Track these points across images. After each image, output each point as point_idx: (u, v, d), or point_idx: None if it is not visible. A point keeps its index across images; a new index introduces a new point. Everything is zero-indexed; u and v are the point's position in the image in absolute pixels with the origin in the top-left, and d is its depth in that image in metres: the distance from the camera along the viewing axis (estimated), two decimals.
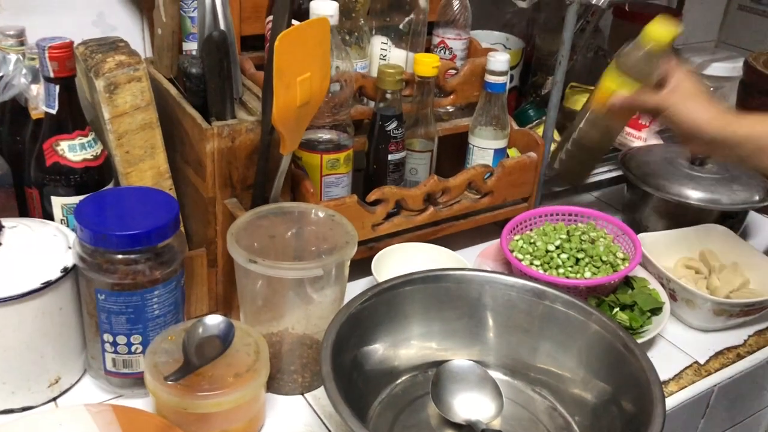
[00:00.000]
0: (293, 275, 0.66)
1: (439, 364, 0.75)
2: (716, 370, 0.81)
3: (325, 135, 0.84)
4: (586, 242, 0.86)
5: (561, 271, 0.84)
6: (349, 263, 0.70)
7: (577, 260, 0.85)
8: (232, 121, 0.74)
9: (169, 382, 0.61)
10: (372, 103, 0.93)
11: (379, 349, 0.73)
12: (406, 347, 0.75)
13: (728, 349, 0.85)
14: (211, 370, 0.64)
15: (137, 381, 0.69)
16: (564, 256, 0.85)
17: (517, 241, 0.89)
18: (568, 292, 0.74)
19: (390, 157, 0.90)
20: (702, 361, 0.82)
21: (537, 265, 0.85)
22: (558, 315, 0.72)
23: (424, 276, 0.75)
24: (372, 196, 0.86)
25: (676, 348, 0.84)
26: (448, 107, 1.01)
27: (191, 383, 0.62)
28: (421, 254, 0.90)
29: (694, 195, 0.99)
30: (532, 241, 0.88)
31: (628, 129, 1.19)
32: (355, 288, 0.82)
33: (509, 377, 0.75)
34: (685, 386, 0.79)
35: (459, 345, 0.76)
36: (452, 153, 1.03)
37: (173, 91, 0.79)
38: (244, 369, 0.65)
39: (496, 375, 0.75)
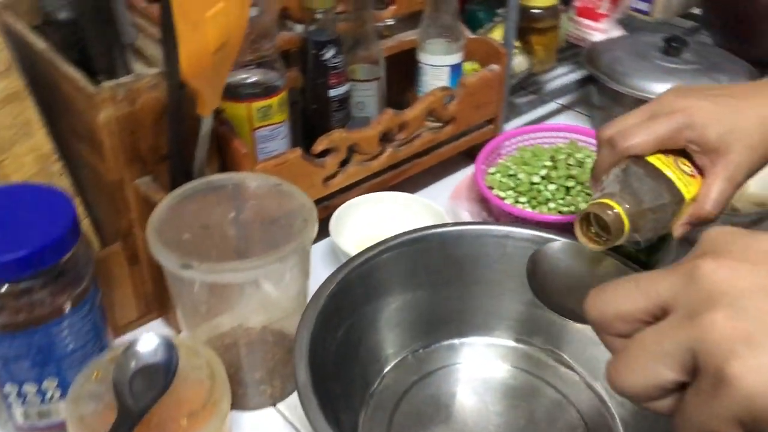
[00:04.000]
0: (244, 278, 0.51)
1: (429, 342, 0.63)
2: None
3: (250, 76, 0.67)
4: (573, 166, 0.74)
5: (552, 206, 0.71)
6: (311, 247, 0.55)
7: (567, 189, 0.72)
8: (127, 78, 0.56)
9: None
10: (299, 28, 0.76)
11: (360, 338, 0.60)
12: (389, 328, 0.62)
13: None
14: (156, 414, 0.49)
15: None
16: (552, 187, 0.72)
17: (494, 174, 0.76)
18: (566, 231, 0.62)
19: (331, 92, 0.73)
20: None
21: (523, 202, 0.72)
22: None
23: (402, 240, 0.61)
24: (319, 147, 0.70)
25: None
26: (387, 20, 0.85)
27: None
28: (386, 206, 0.76)
29: None
30: (511, 173, 0.75)
31: (585, 21, 1.06)
32: (313, 255, 0.68)
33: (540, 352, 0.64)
34: None
35: (456, 317, 0.64)
36: (397, 76, 0.87)
37: (40, 44, 0.60)
38: (199, 404, 0.50)
39: (523, 348, 0.64)
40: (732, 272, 0.28)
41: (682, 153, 0.54)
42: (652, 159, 0.53)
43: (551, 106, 1.01)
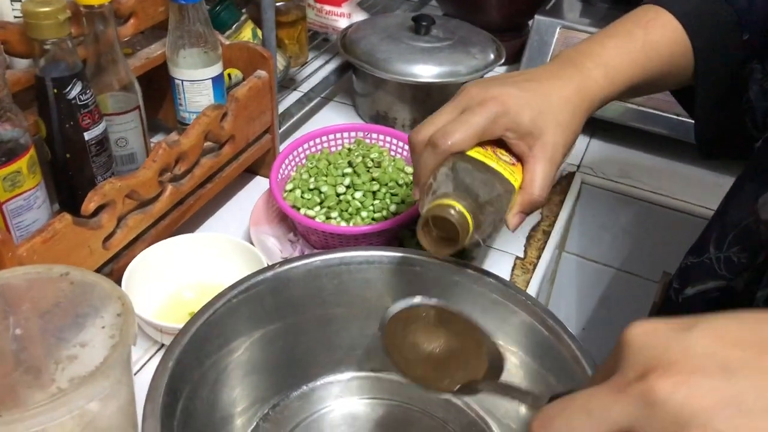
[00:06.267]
0: (62, 415, 0.39)
1: (278, 400, 0.57)
2: (537, 259, 0.76)
3: None
4: (373, 168, 0.71)
5: (364, 214, 0.67)
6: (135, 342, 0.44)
7: (374, 194, 0.69)
8: None
9: None
10: (23, 63, 0.61)
11: (206, 420, 0.51)
12: (231, 400, 0.54)
13: (533, 230, 0.79)
14: None
15: None
16: (359, 194, 0.68)
17: (293, 191, 0.69)
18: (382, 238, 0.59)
19: (87, 135, 0.61)
20: (521, 254, 0.76)
21: (335, 217, 0.67)
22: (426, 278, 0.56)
23: (227, 299, 0.52)
24: (90, 205, 0.57)
25: (494, 250, 0.76)
26: (125, 37, 0.72)
27: None
28: (181, 252, 0.65)
29: (434, 71, 0.88)
30: (312, 186, 0.69)
31: (326, 7, 1.02)
32: None
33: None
34: (525, 287, 0.72)
35: (300, 364, 0.57)
36: (146, 97, 0.76)
37: None
38: None
39: (378, 377, 0.59)
40: (691, 390, 0.26)
41: (498, 144, 0.54)
42: (472, 153, 0.52)
43: (319, 102, 0.96)
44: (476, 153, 0.52)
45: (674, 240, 0.75)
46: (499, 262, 0.74)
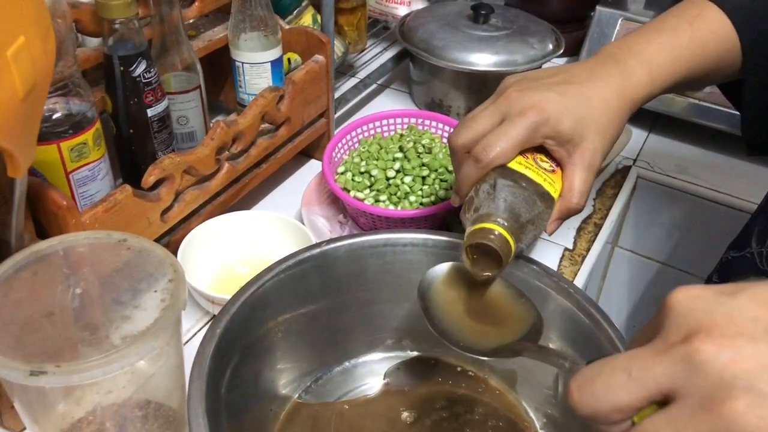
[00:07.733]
0: (114, 370, 0.41)
1: (319, 374, 0.58)
2: (587, 251, 0.75)
3: (55, 110, 0.55)
4: (423, 154, 0.71)
5: (412, 199, 0.68)
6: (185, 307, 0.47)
7: (423, 179, 0.70)
8: None
9: None
10: (94, 42, 0.64)
11: (255, 383, 0.53)
12: (274, 372, 0.56)
13: (584, 222, 0.79)
14: None
15: None
16: (408, 179, 0.69)
17: (345, 173, 0.71)
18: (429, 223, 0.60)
19: (150, 112, 0.63)
20: (570, 246, 0.75)
21: (384, 201, 0.68)
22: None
23: (275, 272, 0.53)
24: (151, 178, 0.60)
25: (542, 239, 0.76)
26: (190, 19, 0.75)
27: None
28: (235, 229, 0.68)
29: (491, 59, 0.88)
30: (363, 170, 0.70)
31: None
32: None
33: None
34: (572, 279, 0.71)
35: (342, 340, 0.59)
36: (208, 79, 0.78)
37: None
38: None
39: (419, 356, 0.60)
40: (735, 353, 0.26)
41: (537, 149, 0.53)
42: (513, 165, 0.51)
43: (374, 88, 0.98)
44: (517, 164, 0.51)
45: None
46: (548, 252, 0.74)
